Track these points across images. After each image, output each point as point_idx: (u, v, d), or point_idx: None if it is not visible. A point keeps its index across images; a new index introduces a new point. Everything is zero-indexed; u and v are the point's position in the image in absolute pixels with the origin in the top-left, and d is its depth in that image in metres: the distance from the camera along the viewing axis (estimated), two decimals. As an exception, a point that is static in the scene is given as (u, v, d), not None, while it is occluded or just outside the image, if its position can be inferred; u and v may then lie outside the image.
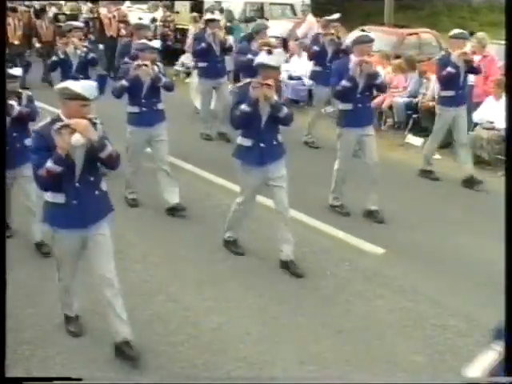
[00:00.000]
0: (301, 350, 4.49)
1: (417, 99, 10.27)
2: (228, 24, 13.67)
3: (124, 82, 6.67)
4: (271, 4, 17.46)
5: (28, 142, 5.34)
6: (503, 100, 8.47)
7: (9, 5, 16.80)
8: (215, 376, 4.20)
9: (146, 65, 6.56)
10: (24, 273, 5.51)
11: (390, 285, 5.40)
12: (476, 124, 8.94)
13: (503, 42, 9.20)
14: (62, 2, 19.82)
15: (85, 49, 8.43)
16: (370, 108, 6.98)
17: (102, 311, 4.85)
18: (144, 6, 18.20)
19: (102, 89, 7.39)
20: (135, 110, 6.78)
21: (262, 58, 5.55)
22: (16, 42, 13.23)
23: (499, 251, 3.11)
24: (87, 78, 7.71)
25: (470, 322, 4.75)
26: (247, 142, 5.54)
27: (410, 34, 13.58)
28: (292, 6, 17.60)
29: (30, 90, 6.38)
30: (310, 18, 14.20)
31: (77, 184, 4.17)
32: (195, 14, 14.79)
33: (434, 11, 24.35)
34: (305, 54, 12.23)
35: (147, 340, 4.53)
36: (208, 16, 10.32)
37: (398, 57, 11.63)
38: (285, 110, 5.41)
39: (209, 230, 6.41)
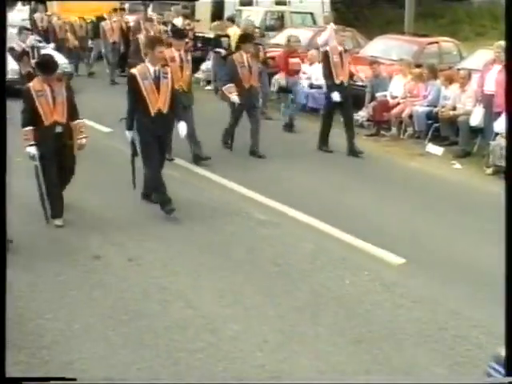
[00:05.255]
0: (319, 359, 4.46)
1: (437, 108, 10.23)
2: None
3: None
4: (292, 13, 17.53)
5: None
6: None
7: (169, 26, 14.14)
8: (233, 384, 4.19)
9: None
10: (45, 277, 5.54)
11: (410, 295, 5.35)
12: (497, 134, 8.87)
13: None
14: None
15: None
16: None
17: (124, 318, 4.89)
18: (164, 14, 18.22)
19: None
20: None
21: None
22: (185, 89, 8.51)
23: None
24: None
25: (490, 334, 4.69)
26: None
27: (431, 43, 13.54)
28: (312, 15, 17.66)
29: None
30: (332, 26, 14.21)
31: None
32: (217, 22, 14.84)
33: (455, 19, 24.24)
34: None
35: (165, 347, 4.53)
36: None
37: (418, 66, 11.60)
38: None
39: (228, 238, 6.41)
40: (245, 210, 7.15)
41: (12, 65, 11.38)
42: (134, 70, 6.89)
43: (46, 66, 6.50)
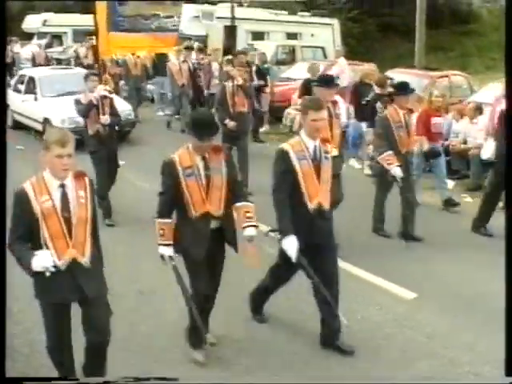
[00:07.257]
0: (331, 394, 4.44)
1: (448, 142, 10.26)
2: (266, 65, 13.88)
3: None
4: (303, 47, 17.77)
5: None
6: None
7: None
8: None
9: None
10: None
11: (422, 330, 5.32)
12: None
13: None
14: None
15: None
16: None
17: (136, 349, 4.87)
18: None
19: None
20: None
21: None
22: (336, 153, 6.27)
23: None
24: None
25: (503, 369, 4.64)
26: None
27: (441, 77, 13.64)
28: (323, 49, 17.89)
29: None
30: (342, 60, 14.35)
31: None
32: (230, 56, 15.01)
33: (464, 53, 24.44)
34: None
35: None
36: None
37: (428, 99, 11.66)
38: None
39: (238, 274, 6.38)
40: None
41: (70, 113, 9.60)
42: (286, 146, 4.74)
43: (201, 126, 4.43)
